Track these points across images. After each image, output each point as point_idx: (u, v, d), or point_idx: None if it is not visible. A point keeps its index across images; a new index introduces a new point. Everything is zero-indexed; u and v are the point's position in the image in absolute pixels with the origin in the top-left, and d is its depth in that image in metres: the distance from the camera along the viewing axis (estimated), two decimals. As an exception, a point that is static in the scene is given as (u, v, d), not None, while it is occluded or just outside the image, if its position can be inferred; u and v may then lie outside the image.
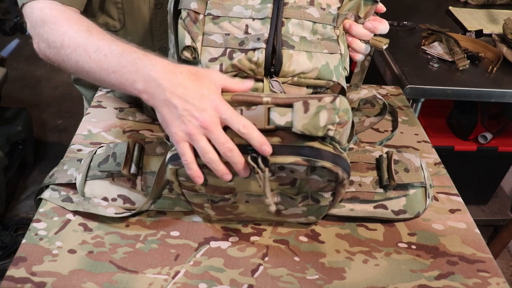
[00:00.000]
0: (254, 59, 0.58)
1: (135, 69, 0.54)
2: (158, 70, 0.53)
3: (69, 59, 0.61)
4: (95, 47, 0.58)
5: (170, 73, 0.52)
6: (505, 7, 1.58)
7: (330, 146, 0.52)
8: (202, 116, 0.50)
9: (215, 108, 0.50)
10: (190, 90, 0.51)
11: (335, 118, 0.49)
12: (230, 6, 0.61)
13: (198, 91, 0.51)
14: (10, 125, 1.74)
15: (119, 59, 0.56)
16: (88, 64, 0.58)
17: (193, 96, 0.50)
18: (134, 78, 0.54)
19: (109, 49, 0.57)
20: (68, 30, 0.61)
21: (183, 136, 0.51)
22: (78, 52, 0.59)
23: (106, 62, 0.57)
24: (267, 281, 0.59)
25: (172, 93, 0.51)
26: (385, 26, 0.64)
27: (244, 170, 0.51)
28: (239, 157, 0.50)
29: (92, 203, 0.64)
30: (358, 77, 0.80)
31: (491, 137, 1.45)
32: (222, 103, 0.51)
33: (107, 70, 0.56)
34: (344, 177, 0.53)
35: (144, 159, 0.65)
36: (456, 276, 0.61)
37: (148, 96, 0.53)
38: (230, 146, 0.50)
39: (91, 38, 0.59)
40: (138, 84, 0.54)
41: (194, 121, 0.50)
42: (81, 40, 0.60)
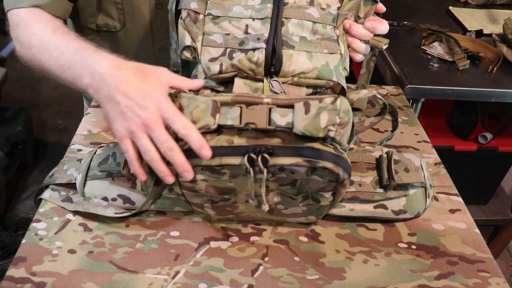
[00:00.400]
0: (254, 59, 0.58)
1: (84, 64, 0.55)
2: (104, 65, 0.53)
3: (35, 58, 0.63)
4: (56, 45, 0.60)
5: (116, 68, 0.53)
6: (505, 7, 1.58)
7: (331, 146, 0.52)
8: (144, 114, 0.50)
9: (157, 105, 0.50)
10: (134, 86, 0.51)
11: (335, 119, 0.49)
12: (230, 6, 0.61)
13: (142, 88, 0.51)
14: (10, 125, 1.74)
15: (73, 55, 0.57)
16: (49, 61, 0.60)
17: (136, 93, 0.51)
18: (82, 73, 0.55)
19: (66, 46, 0.59)
20: (36, 31, 0.64)
21: (125, 133, 0.51)
22: (42, 51, 0.61)
23: (63, 58, 0.58)
24: (267, 281, 0.59)
25: (116, 88, 0.51)
26: (385, 26, 0.64)
27: (186, 172, 0.51)
28: (180, 157, 0.50)
29: (92, 203, 0.64)
30: (364, 78, 0.80)
31: (491, 137, 1.45)
32: (165, 101, 0.51)
33: (62, 67, 0.58)
34: (345, 177, 0.53)
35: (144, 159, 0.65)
36: (456, 276, 0.61)
37: (93, 91, 0.54)
38: (171, 145, 0.50)
39: (54, 37, 0.62)
40: (85, 79, 0.55)
41: (136, 118, 0.50)
42: (45, 39, 0.62)
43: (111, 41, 0.87)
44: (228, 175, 0.54)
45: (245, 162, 0.50)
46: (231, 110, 0.51)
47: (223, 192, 0.57)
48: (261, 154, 0.50)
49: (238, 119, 0.51)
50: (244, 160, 0.50)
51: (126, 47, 0.88)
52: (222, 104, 0.52)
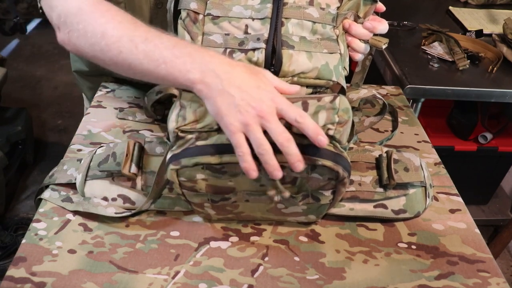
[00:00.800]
0: (254, 59, 0.58)
1: (191, 60, 0.53)
2: (215, 61, 0.53)
3: (110, 49, 0.58)
4: (143, 38, 0.56)
5: (228, 64, 0.52)
6: (505, 7, 1.58)
7: (331, 145, 0.52)
8: (259, 106, 0.49)
9: (272, 98, 0.50)
10: (247, 81, 0.51)
11: (334, 117, 0.50)
12: (230, 6, 0.61)
13: (255, 82, 0.51)
14: (10, 125, 1.74)
15: (172, 50, 0.54)
16: (135, 55, 0.56)
17: (251, 87, 0.50)
18: (188, 68, 0.53)
19: (159, 41, 0.55)
20: (110, 20, 0.59)
21: (239, 126, 0.50)
22: (122, 43, 0.57)
23: (157, 52, 0.55)
24: (267, 281, 0.59)
25: (230, 83, 0.51)
26: (385, 26, 0.64)
27: (298, 163, 0.50)
28: (296, 148, 0.49)
29: (92, 203, 0.64)
30: (359, 77, 0.80)
31: (491, 137, 1.45)
32: (278, 95, 0.51)
33: (157, 61, 0.55)
34: (345, 176, 0.53)
35: (144, 159, 0.65)
36: (456, 276, 0.61)
37: (204, 86, 0.52)
38: (288, 136, 0.49)
39: (138, 29, 0.58)
40: (192, 74, 0.53)
41: (252, 110, 0.49)
42: (126, 30, 0.57)
43: None
44: (228, 174, 0.54)
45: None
46: None
47: (223, 191, 0.57)
48: None
49: None
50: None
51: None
52: None
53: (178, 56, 0.54)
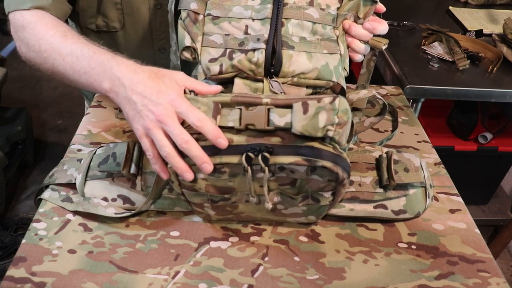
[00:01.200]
0: (254, 59, 0.58)
1: (103, 70, 0.58)
2: (122, 70, 0.56)
3: (46, 61, 0.65)
4: (69, 50, 0.62)
5: (132, 72, 0.56)
6: (505, 7, 1.58)
7: (330, 146, 0.52)
8: (157, 110, 0.52)
9: (171, 102, 0.52)
10: (149, 87, 0.54)
11: (334, 118, 0.50)
12: (230, 7, 0.61)
13: (156, 87, 0.54)
14: (10, 125, 1.74)
15: (89, 61, 0.59)
16: (63, 66, 0.62)
17: (151, 92, 0.53)
18: (101, 78, 0.58)
19: (80, 52, 0.61)
20: (45, 35, 0.65)
21: (143, 131, 0.54)
22: (54, 55, 0.63)
23: (78, 64, 0.60)
24: (267, 281, 0.59)
25: (132, 90, 0.54)
26: (384, 27, 0.64)
27: (205, 164, 0.51)
28: (197, 150, 0.51)
29: (92, 203, 0.64)
30: (364, 78, 0.80)
31: (491, 137, 1.45)
32: (178, 97, 0.53)
33: (78, 72, 0.60)
34: (344, 177, 0.53)
35: (144, 159, 0.65)
36: (456, 276, 0.61)
37: (114, 95, 0.57)
38: (186, 137, 0.51)
39: (66, 42, 0.63)
40: (104, 84, 0.57)
41: (151, 115, 0.52)
42: (56, 44, 0.64)
43: (111, 41, 0.87)
44: (227, 174, 0.54)
45: (243, 161, 0.50)
46: (232, 112, 0.52)
47: (223, 192, 0.57)
48: (261, 153, 0.50)
49: (238, 121, 0.51)
50: (242, 158, 0.50)
51: (125, 47, 0.88)
52: (222, 106, 0.52)
53: (93, 66, 0.59)
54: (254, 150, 0.50)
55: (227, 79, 0.61)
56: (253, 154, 0.50)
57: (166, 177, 0.55)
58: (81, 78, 0.60)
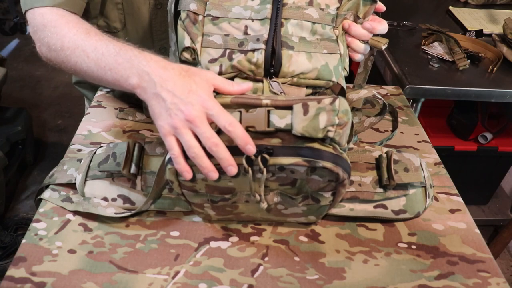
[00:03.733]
0: (253, 60, 0.58)
1: (130, 65, 0.56)
2: (151, 65, 0.55)
3: (69, 60, 0.63)
4: (93, 47, 0.61)
5: (162, 68, 0.54)
6: (505, 7, 1.58)
7: (330, 147, 0.52)
8: (187, 110, 0.51)
9: (202, 103, 0.51)
10: (179, 85, 0.52)
11: (334, 119, 0.50)
12: (230, 7, 0.61)
13: (187, 86, 0.52)
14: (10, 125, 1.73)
15: (115, 57, 0.58)
16: (87, 63, 0.61)
17: (182, 91, 0.52)
18: (128, 74, 0.56)
19: (106, 49, 0.59)
20: (67, 33, 0.64)
21: (169, 129, 0.52)
22: (77, 53, 0.62)
23: (103, 60, 0.59)
24: (267, 281, 0.59)
25: (162, 86, 0.53)
26: (384, 27, 0.64)
27: (230, 167, 0.51)
28: (225, 153, 0.50)
29: (92, 203, 0.64)
30: (361, 77, 0.80)
31: (491, 137, 1.45)
32: (209, 99, 0.52)
33: (104, 68, 0.59)
34: (345, 177, 0.53)
35: (144, 159, 0.65)
36: (456, 276, 0.61)
37: (141, 90, 0.55)
38: (216, 141, 0.50)
39: (89, 39, 0.62)
40: (132, 79, 0.56)
41: (180, 114, 0.51)
42: (79, 41, 0.62)
43: None
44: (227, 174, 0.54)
45: (243, 162, 0.50)
46: (232, 115, 0.52)
47: (223, 192, 0.57)
48: (261, 154, 0.50)
49: None
50: (243, 160, 0.50)
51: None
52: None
53: (120, 62, 0.57)
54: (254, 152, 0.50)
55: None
56: (254, 155, 0.50)
57: (189, 177, 0.53)
58: (107, 75, 0.59)
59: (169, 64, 0.55)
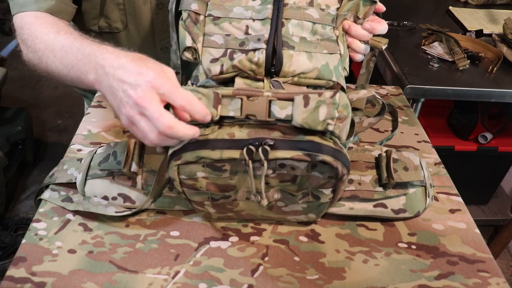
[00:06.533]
0: (254, 59, 0.58)
1: (88, 60, 0.54)
2: (105, 57, 0.52)
3: (41, 61, 0.63)
4: (60, 46, 0.59)
5: (115, 58, 0.51)
6: (505, 7, 1.58)
7: (330, 141, 0.52)
8: (135, 93, 0.47)
9: (150, 82, 0.47)
10: (128, 70, 0.49)
11: (334, 112, 0.50)
12: (231, 7, 0.61)
13: (136, 69, 0.49)
14: (10, 125, 1.73)
15: (76, 54, 0.56)
16: (54, 63, 0.60)
17: (130, 75, 0.48)
18: (87, 69, 0.54)
19: (70, 46, 0.58)
20: (39, 34, 0.64)
21: (127, 120, 0.49)
22: (47, 53, 0.61)
23: (67, 58, 0.57)
24: (267, 281, 0.59)
25: (114, 76, 0.49)
26: (384, 27, 0.64)
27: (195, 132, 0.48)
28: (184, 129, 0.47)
29: (92, 202, 0.65)
30: (364, 78, 0.80)
31: (491, 137, 1.45)
32: (159, 77, 0.48)
33: (67, 66, 0.57)
34: (344, 172, 0.53)
35: (144, 158, 0.66)
36: (456, 276, 0.61)
37: (98, 85, 0.53)
38: (168, 121, 0.46)
39: (58, 38, 0.61)
40: (90, 75, 0.53)
41: (129, 100, 0.47)
42: (49, 41, 0.62)
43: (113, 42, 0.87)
44: (228, 171, 0.54)
45: (244, 154, 0.50)
46: (233, 102, 0.52)
47: (224, 189, 0.57)
48: (261, 146, 0.50)
49: (239, 111, 0.51)
50: (243, 152, 0.50)
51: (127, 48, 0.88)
52: (223, 96, 0.52)
53: (80, 58, 0.55)
54: (255, 144, 0.50)
55: (228, 79, 0.61)
56: (254, 147, 0.50)
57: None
58: (70, 73, 0.57)
59: (123, 53, 0.52)
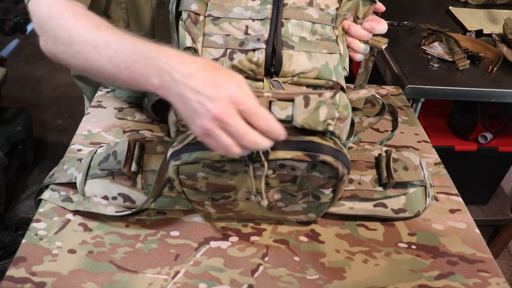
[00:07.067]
0: (254, 59, 0.58)
1: (148, 63, 0.50)
2: (171, 62, 0.49)
3: (78, 56, 0.57)
4: (105, 43, 0.54)
5: (184, 64, 0.48)
6: (505, 7, 1.58)
7: (331, 141, 0.52)
8: (215, 107, 0.44)
9: (230, 97, 0.45)
10: (203, 80, 0.46)
11: (334, 113, 0.50)
12: (230, 7, 0.61)
13: (212, 80, 0.46)
14: (10, 125, 1.73)
15: (131, 54, 0.52)
16: (99, 61, 0.55)
17: (206, 86, 0.46)
18: (148, 72, 0.50)
19: (119, 44, 0.53)
20: (75, 26, 0.58)
21: (202, 132, 0.47)
22: (87, 49, 0.56)
23: (117, 57, 0.53)
24: (267, 281, 0.59)
25: (185, 85, 0.46)
26: (384, 27, 0.64)
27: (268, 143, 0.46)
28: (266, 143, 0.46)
29: (92, 202, 0.65)
30: (362, 78, 0.80)
31: (491, 137, 1.45)
32: (239, 92, 0.46)
33: (119, 66, 0.53)
34: (344, 173, 0.53)
35: (144, 158, 0.66)
36: (456, 276, 0.61)
37: (164, 91, 0.49)
38: (253, 137, 0.45)
39: (101, 34, 0.56)
40: (153, 79, 0.50)
41: (208, 113, 0.45)
42: (89, 36, 0.56)
43: None
44: (229, 172, 0.54)
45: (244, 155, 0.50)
46: None
47: (224, 190, 0.57)
48: None
49: None
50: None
51: None
52: None
53: (136, 60, 0.51)
54: None
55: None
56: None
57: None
58: (122, 74, 0.53)
59: (191, 58, 0.49)
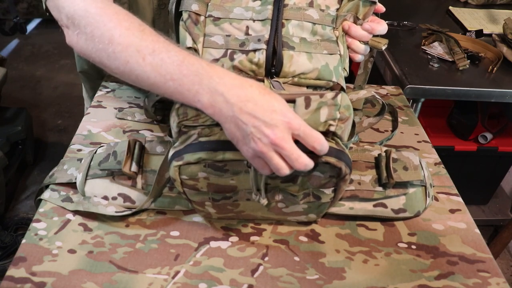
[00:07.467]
0: (254, 60, 0.58)
1: (199, 80, 0.50)
2: (226, 83, 0.49)
3: (117, 57, 0.54)
4: (150, 49, 0.52)
5: (239, 87, 0.49)
6: (505, 7, 1.58)
7: (333, 141, 0.52)
8: (273, 133, 0.47)
9: (287, 123, 0.47)
10: (260, 105, 0.47)
11: (336, 114, 0.50)
12: (231, 8, 0.61)
13: (269, 105, 0.47)
14: (10, 125, 1.73)
15: (180, 67, 0.51)
16: (142, 67, 0.53)
17: (263, 112, 0.47)
18: (197, 89, 0.50)
19: (167, 54, 0.52)
20: (118, 26, 0.55)
21: (254, 153, 0.49)
22: (130, 52, 0.53)
23: (164, 67, 0.51)
24: (267, 281, 0.59)
25: (241, 109, 0.47)
26: (383, 27, 0.64)
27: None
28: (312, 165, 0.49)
29: (92, 202, 0.65)
30: (361, 79, 0.80)
31: (491, 137, 1.45)
32: (295, 118, 0.48)
33: (164, 77, 0.51)
34: (347, 172, 0.53)
35: (144, 158, 0.66)
36: (456, 276, 0.61)
37: (214, 111, 0.49)
38: (305, 161, 0.48)
39: (145, 38, 0.54)
40: (202, 97, 0.49)
41: (264, 138, 0.47)
42: (133, 38, 0.53)
43: None
44: (230, 172, 0.54)
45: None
46: None
47: (225, 190, 0.57)
48: None
49: None
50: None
51: None
52: None
53: (185, 74, 0.50)
54: None
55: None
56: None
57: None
58: (167, 85, 0.51)
59: (246, 81, 0.50)
